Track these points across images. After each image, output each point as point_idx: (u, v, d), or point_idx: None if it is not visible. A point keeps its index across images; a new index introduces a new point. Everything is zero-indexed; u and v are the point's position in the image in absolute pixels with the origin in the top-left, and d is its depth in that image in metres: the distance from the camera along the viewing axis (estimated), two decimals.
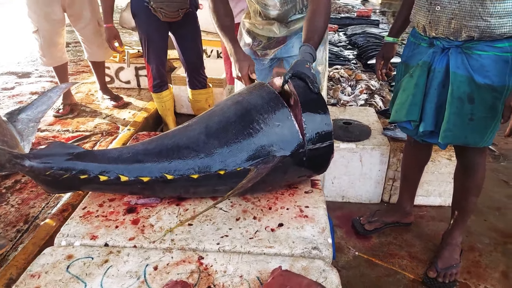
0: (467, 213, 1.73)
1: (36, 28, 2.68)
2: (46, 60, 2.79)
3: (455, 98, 1.42)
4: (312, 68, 1.25)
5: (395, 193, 2.18)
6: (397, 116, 1.60)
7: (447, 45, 1.43)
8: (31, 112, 2.20)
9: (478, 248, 1.90)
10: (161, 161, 1.10)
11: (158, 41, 2.52)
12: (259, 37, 1.79)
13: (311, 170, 1.23)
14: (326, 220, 1.15)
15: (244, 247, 1.04)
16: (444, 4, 1.38)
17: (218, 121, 1.14)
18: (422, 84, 1.50)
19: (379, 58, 1.83)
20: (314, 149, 1.12)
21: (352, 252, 1.85)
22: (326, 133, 1.13)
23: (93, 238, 1.07)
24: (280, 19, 1.69)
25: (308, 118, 1.11)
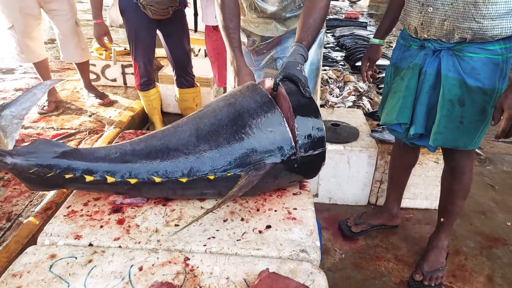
0: (453, 216, 1.75)
1: (11, 24, 2.61)
2: (24, 57, 2.72)
3: (446, 101, 1.43)
4: (303, 70, 1.24)
5: (382, 196, 2.20)
6: (387, 119, 1.61)
7: (438, 47, 1.43)
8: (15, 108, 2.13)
9: (464, 252, 1.93)
10: (150, 163, 1.08)
11: (146, 39, 2.49)
12: (253, 36, 1.70)
13: (302, 176, 1.23)
14: (314, 222, 1.15)
15: (231, 248, 1.03)
16: (437, 6, 1.38)
17: (209, 123, 1.12)
18: (413, 87, 1.51)
19: (365, 60, 1.83)
20: (306, 156, 1.12)
21: (339, 254, 1.86)
22: (319, 139, 1.12)
23: (77, 237, 1.05)
24: (277, 15, 1.59)
25: (300, 124, 1.10)
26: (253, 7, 1.58)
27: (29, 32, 2.65)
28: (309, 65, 1.67)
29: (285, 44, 1.67)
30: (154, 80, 2.77)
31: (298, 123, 1.09)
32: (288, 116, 1.16)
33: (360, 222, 2.00)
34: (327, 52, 3.96)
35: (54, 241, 1.04)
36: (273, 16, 1.57)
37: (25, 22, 2.61)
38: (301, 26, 1.35)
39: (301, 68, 1.23)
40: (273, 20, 1.59)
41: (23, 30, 2.61)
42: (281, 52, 1.69)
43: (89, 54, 2.96)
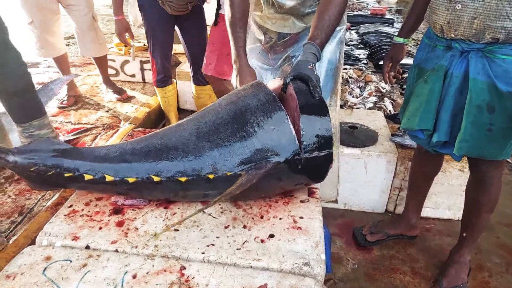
0: (478, 230, 1.63)
1: (31, 19, 2.64)
2: (44, 51, 2.76)
3: (473, 106, 1.32)
4: (315, 70, 1.17)
5: (401, 204, 2.09)
6: (408, 124, 1.50)
7: (466, 48, 1.32)
8: None
9: (488, 268, 1.80)
10: (149, 162, 1.04)
11: (164, 35, 2.47)
12: (270, 33, 1.60)
13: (308, 178, 1.16)
14: (320, 233, 1.08)
15: (230, 258, 0.98)
16: (466, 3, 1.26)
17: (210, 122, 1.08)
18: (437, 91, 1.39)
19: (387, 60, 1.72)
20: (311, 158, 1.06)
21: (351, 264, 1.78)
22: (325, 141, 1.05)
23: (75, 239, 1.02)
24: (295, 11, 1.49)
25: (306, 124, 1.04)
26: (271, 2, 1.50)
27: (48, 27, 2.68)
28: (326, 64, 1.58)
29: (303, 41, 1.56)
30: (172, 76, 2.75)
31: (304, 122, 1.04)
32: (294, 115, 1.10)
33: (376, 231, 1.91)
34: (349, 50, 3.82)
35: (52, 241, 1.02)
36: (291, 11, 1.49)
37: (44, 17, 2.64)
38: (315, 23, 1.28)
39: (313, 67, 1.17)
40: (291, 16, 1.51)
41: (42, 25, 2.65)
42: (298, 50, 1.60)
43: (106, 49, 2.98)
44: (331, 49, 1.56)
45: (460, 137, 1.36)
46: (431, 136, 1.47)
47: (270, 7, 1.51)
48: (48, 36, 2.69)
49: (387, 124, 2.25)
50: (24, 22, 2.68)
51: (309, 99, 1.09)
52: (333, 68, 1.60)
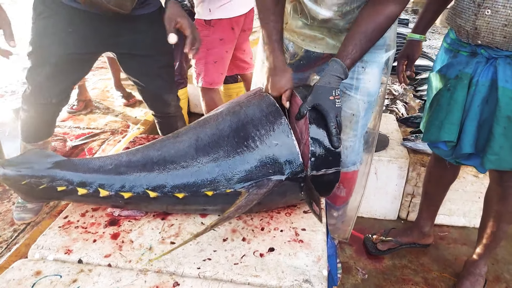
0: (496, 241, 1.54)
1: None
2: None
3: (503, 117, 1.22)
4: (336, 101, 1.00)
5: (414, 210, 2.01)
6: (430, 136, 1.41)
7: (494, 54, 1.22)
8: None
9: (506, 279, 1.70)
10: (145, 176, 1.00)
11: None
12: (295, 47, 1.30)
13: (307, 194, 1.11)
14: (323, 247, 1.02)
15: (227, 274, 0.93)
16: (497, 8, 1.15)
17: (210, 133, 1.03)
18: (461, 100, 1.29)
19: (401, 59, 1.61)
20: (318, 175, 1.00)
21: (361, 274, 1.71)
22: (334, 158, 1.00)
23: (68, 252, 0.99)
24: (331, 24, 1.18)
25: (315, 140, 0.98)
26: (299, 11, 1.19)
27: None
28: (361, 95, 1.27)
29: None
30: (186, 80, 2.74)
31: (313, 138, 0.98)
32: (302, 129, 1.04)
33: (387, 239, 1.83)
34: None
35: (44, 255, 1.00)
36: (325, 24, 1.18)
37: None
38: (351, 35, 1.05)
39: (335, 98, 1.00)
40: (324, 30, 1.21)
41: None
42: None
43: None
44: (370, 78, 1.27)
45: (489, 150, 1.26)
46: (454, 148, 1.37)
47: (298, 17, 1.21)
48: None
49: (399, 128, 2.17)
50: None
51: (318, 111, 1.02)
52: (372, 101, 1.32)
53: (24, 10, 6.84)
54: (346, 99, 1.31)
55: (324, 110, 0.99)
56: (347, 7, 1.12)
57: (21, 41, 3.84)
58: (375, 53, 1.26)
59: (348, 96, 1.30)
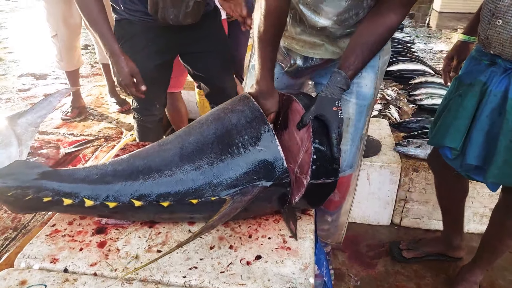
0: (497, 254, 1.52)
1: (55, 33, 2.69)
2: (64, 64, 2.80)
3: (509, 130, 1.19)
4: (339, 112, 1.02)
5: (407, 216, 2.01)
6: (435, 139, 1.40)
7: (509, 66, 1.20)
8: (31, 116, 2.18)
9: (500, 285, 1.70)
10: (130, 185, 1.00)
11: None
12: (293, 54, 1.30)
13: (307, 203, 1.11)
14: (310, 254, 1.02)
15: (213, 282, 0.93)
16: (508, 19, 1.13)
17: (194, 141, 1.03)
18: (470, 107, 1.27)
19: (448, 59, 1.59)
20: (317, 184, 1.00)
21: (354, 281, 1.70)
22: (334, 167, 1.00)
23: (54, 261, 0.99)
24: (329, 32, 1.18)
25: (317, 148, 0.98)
26: (298, 19, 1.20)
27: (71, 41, 2.73)
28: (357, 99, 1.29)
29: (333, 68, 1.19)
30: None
31: (315, 146, 0.98)
32: (304, 137, 1.04)
33: (414, 247, 1.79)
34: None
35: (30, 264, 0.99)
36: (324, 33, 1.19)
37: (68, 31, 2.69)
38: (352, 47, 1.07)
39: (338, 108, 1.02)
40: (323, 37, 1.22)
41: (65, 39, 2.70)
42: (326, 76, 1.31)
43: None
44: (366, 82, 1.29)
45: (493, 163, 1.23)
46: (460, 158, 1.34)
47: (297, 25, 1.22)
48: (70, 50, 2.75)
49: (391, 133, 2.17)
50: (48, 35, 2.72)
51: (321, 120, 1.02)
52: (367, 104, 1.32)
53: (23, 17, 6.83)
54: (343, 103, 1.28)
55: (327, 120, 1.00)
56: (345, 14, 1.13)
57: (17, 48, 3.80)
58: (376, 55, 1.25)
59: (344, 100, 1.30)
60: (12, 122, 2.08)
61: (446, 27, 6.70)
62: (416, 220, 2.01)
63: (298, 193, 1.03)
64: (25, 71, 4.22)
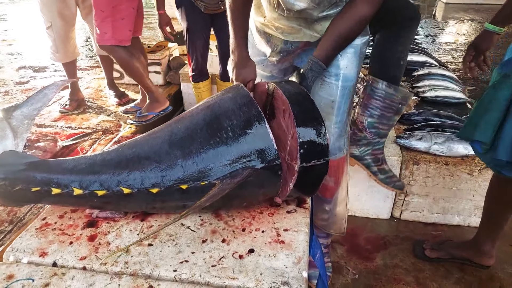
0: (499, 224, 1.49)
1: (49, 24, 2.67)
2: (59, 55, 2.78)
3: None
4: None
5: (407, 209, 1.98)
6: (465, 132, 1.34)
7: None
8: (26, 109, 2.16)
9: (500, 278, 1.67)
10: (119, 173, 0.98)
11: (199, 33, 2.57)
12: (274, 39, 1.36)
13: (299, 191, 1.08)
14: (305, 247, 1.00)
15: (204, 276, 0.91)
16: None
17: (184, 128, 1.02)
18: (503, 99, 1.22)
19: (470, 48, 1.51)
20: (308, 167, 0.98)
21: (352, 274, 1.68)
22: (322, 149, 0.98)
23: (42, 255, 0.97)
24: (306, 15, 1.23)
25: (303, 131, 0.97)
26: (275, 4, 1.25)
27: (66, 32, 2.72)
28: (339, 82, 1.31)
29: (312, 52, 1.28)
30: (207, 73, 2.84)
31: (301, 129, 0.96)
32: (288, 123, 1.02)
33: (439, 247, 1.74)
34: None
35: (18, 257, 0.97)
36: (301, 15, 1.24)
37: (63, 22, 2.67)
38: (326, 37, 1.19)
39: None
40: (301, 21, 1.27)
41: (60, 30, 2.68)
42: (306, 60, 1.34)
43: None
44: (347, 64, 1.32)
45: None
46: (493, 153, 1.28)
47: (275, 9, 1.26)
48: (64, 41, 2.73)
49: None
50: (42, 26, 2.70)
51: (302, 103, 1.01)
52: (350, 86, 1.35)
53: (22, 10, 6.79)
54: (325, 86, 1.34)
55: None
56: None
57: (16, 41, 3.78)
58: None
59: (327, 83, 1.33)
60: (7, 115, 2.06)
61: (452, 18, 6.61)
62: (416, 214, 1.98)
63: (292, 180, 1.01)
64: (24, 63, 4.21)
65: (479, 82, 3.89)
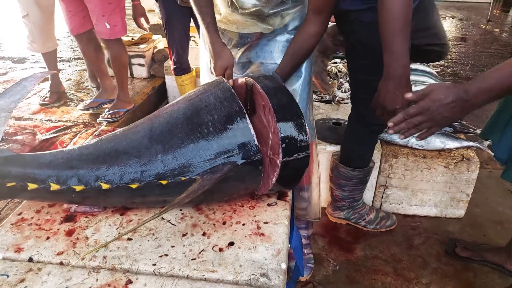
0: None
1: (26, 13, 2.59)
2: (36, 46, 2.70)
3: None
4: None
5: (387, 201, 2.03)
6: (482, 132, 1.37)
7: None
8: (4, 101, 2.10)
9: (473, 267, 1.73)
10: (97, 168, 0.97)
11: (178, 26, 2.55)
12: (229, 33, 1.44)
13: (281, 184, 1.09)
14: (284, 240, 1.01)
15: (183, 270, 0.91)
16: None
17: (164, 122, 1.01)
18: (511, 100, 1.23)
19: None
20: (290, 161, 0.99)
21: (332, 265, 1.71)
22: (304, 142, 0.99)
23: (18, 251, 0.96)
24: (258, 12, 1.33)
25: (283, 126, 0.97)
26: (229, 2, 1.34)
27: (43, 22, 2.64)
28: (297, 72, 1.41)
29: (267, 47, 1.41)
30: (188, 66, 2.80)
31: (281, 124, 0.97)
32: (269, 119, 1.02)
33: (472, 248, 1.75)
34: None
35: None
36: (253, 12, 1.34)
37: (40, 12, 2.59)
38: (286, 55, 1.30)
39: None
40: (254, 16, 1.35)
41: (37, 20, 2.60)
42: (262, 56, 1.44)
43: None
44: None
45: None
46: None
47: (229, 6, 1.36)
48: (41, 31, 2.65)
49: None
50: (19, 15, 2.61)
51: (281, 98, 1.02)
52: (307, 76, 1.46)
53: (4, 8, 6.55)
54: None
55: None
56: None
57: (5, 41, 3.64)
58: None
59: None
60: None
61: None
62: (395, 206, 2.03)
63: (274, 174, 1.02)
64: (2, 54, 4.09)
65: (458, 78, 3.97)
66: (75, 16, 2.45)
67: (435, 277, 1.67)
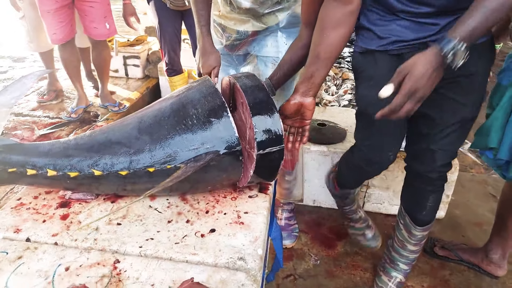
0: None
1: (22, 14, 2.67)
2: (33, 46, 2.79)
3: None
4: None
5: (369, 201, 2.11)
6: (478, 142, 1.40)
7: None
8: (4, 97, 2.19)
9: (450, 266, 1.82)
10: (91, 157, 1.06)
11: (169, 29, 2.63)
12: (228, 30, 1.59)
13: (259, 177, 1.18)
14: (262, 228, 1.09)
15: (167, 252, 0.99)
16: None
17: (152, 115, 1.10)
18: (507, 106, 1.30)
19: None
20: (265, 154, 1.07)
21: (313, 260, 1.80)
22: (277, 137, 1.07)
23: (17, 231, 1.04)
24: (253, 11, 1.46)
25: (258, 121, 1.06)
26: (228, 1, 1.47)
27: (39, 22, 2.71)
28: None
29: (263, 41, 1.56)
30: (180, 68, 2.88)
31: (255, 119, 1.06)
32: (246, 115, 1.11)
33: (450, 248, 1.82)
34: None
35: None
36: (249, 12, 1.47)
37: (35, 13, 2.66)
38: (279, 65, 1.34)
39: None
40: (250, 16, 1.49)
41: (33, 21, 2.68)
42: (258, 49, 1.58)
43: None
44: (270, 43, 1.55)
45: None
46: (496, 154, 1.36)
47: (227, 5, 1.48)
48: (38, 31, 2.73)
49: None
50: (15, 17, 2.70)
51: (257, 95, 1.10)
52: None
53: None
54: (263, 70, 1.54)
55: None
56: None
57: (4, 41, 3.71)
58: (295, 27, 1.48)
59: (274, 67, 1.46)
60: None
61: None
62: (377, 205, 2.11)
63: (251, 167, 1.10)
64: (2, 53, 4.16)
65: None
66: (67, 25, 2.51)
67: (412, 274, 1.75)
